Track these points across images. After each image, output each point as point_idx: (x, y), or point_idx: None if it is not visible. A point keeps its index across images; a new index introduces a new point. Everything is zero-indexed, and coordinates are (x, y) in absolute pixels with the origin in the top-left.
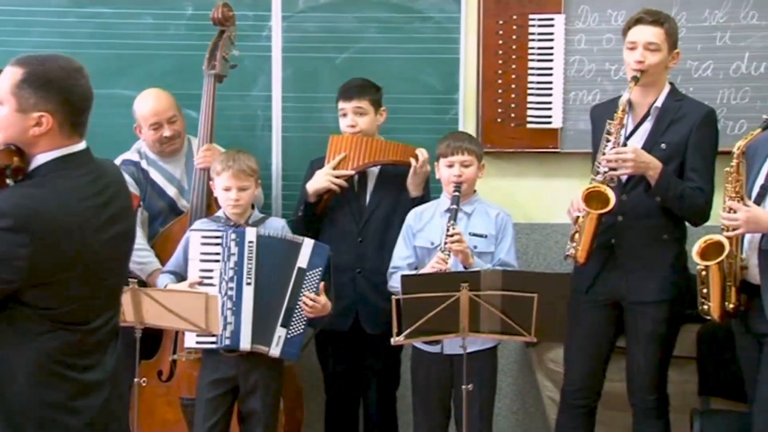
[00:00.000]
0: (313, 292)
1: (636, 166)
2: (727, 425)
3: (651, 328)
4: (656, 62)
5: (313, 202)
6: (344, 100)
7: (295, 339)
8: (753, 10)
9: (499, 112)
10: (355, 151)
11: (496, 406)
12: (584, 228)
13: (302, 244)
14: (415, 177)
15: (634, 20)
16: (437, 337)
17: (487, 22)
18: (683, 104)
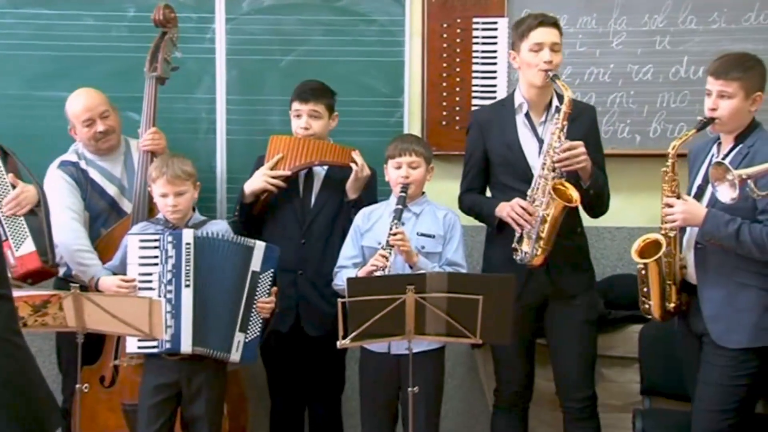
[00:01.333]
0: (265, 293)
1: (587, 160)
2: (669, 424)
3: (583, 317)
4: (559, 62)
5: (250, 202)
6: (300, 102)
7: (253, 342)
8: (691, 14)
9: (444, 115)
10: (292, 152)
11: (443, 407)
12: (549, 225)
13: (254, 247)
14: (356, 181)
15: (536, 23)
16: (383, 340)
17: (431, 25)
18: (574, 105)
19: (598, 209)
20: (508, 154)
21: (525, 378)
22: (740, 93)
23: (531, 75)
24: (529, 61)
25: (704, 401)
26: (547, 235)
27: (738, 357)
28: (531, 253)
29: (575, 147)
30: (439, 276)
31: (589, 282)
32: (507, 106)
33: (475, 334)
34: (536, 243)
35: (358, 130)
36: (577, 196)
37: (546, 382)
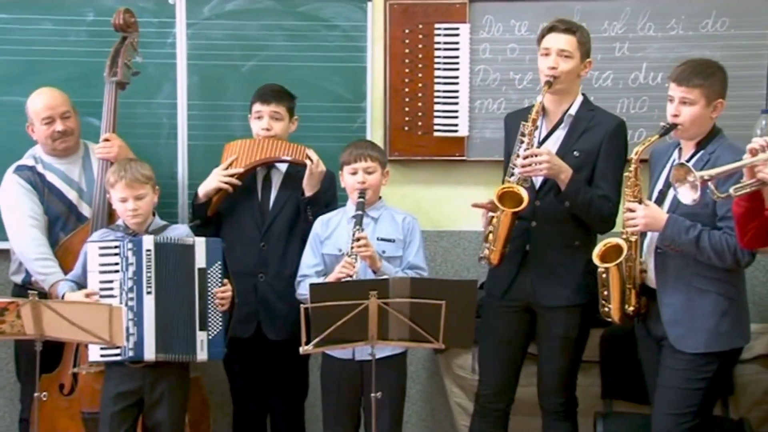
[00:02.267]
0: (218, 286)
1: (550, 168)
2: (629, 427)
3: (563, 333)
4: (568, 69)
5: (202, 203)
6: (262, 103)
7: (218, 338)
8: (650, 21)
9: (406, 121)
10: (245, 152)
11: (405, 412)
12: (498, 228)
13: (194, 244)
14: (311, 177)
15: (547, 28)
16: (346, 345)
17: (393, 31)
18: (596, 114)
19: (589, 222)
20: (515, 159)
21: (505, 382)
22: (702, 100)
23: (542, 80)
24: (540, 66)
25: (663, 404)
26: (497, 236)
27: (696, 361)
28: (486, 252)
29: (537, 154)
30: (401, 281)
31: (572, 297)
32: (528, 110)
33: (438, 339)
34: (488, 243)
35: (320, 135)
36: (526, 200)
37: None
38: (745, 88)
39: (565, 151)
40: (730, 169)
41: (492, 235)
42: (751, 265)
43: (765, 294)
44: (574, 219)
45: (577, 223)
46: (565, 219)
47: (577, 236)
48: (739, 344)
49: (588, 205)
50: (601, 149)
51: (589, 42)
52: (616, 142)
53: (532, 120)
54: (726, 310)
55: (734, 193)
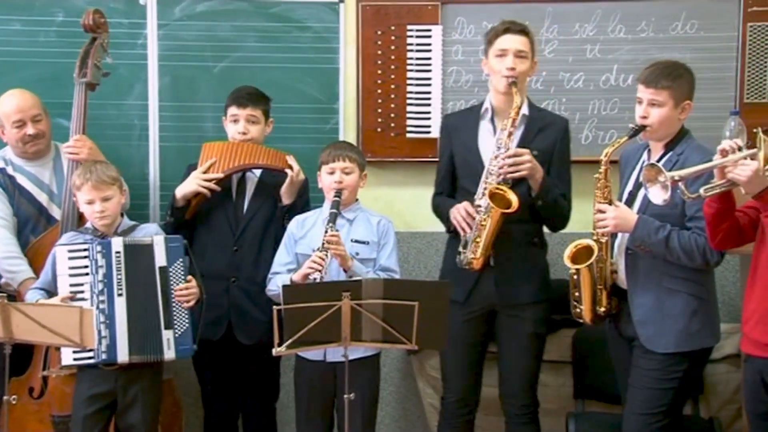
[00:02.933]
0: (181, 283)
1: (531, 168)
2: (601, 427)
3: (531, 330)
4: (525, 69)
5: (181, 206)
6: (238, 107)
7: (185, 335)
8: (620, 24)
9: (379, 122)
10: (225, 156)
11: (379, 413)
12: (487, 230)
13: (153, 243)
14: (291, 185)
15: (501, 30)
16: (318, 347)
17: (365, 33)
18: (545, 114)
19: (552, 222)
20: (468, 158)
21: (471, 386)
22: (670, 101)
23: (496, 81)
24: (494, 68)
25: (634, 404)
26: (485, 240)
27: (666, 361)
28: (468, 257)
29: (520, 154)
30: (374, 282)
31: (539, 294)
32: (474, 111)
33: (411, 340)
34: (474, 247)
35: (293, 136)
36: (516, 202)
37: (485, 387)
38: (714, 89)
39: (524, 149)
40: (701, 169)
41: (479, 239)
42: (720, 265)
43: (734, 294)
44: (533, 218)
45: (535, 222)
46: (526, 218)
47: (536, 234)
48: (710, 344)
49: (555, 203)
50: (556, 148)
51: (535, 43)
52: (566, 141)
53: (511, 120)
54: (696, 310)
55: (704, 194)
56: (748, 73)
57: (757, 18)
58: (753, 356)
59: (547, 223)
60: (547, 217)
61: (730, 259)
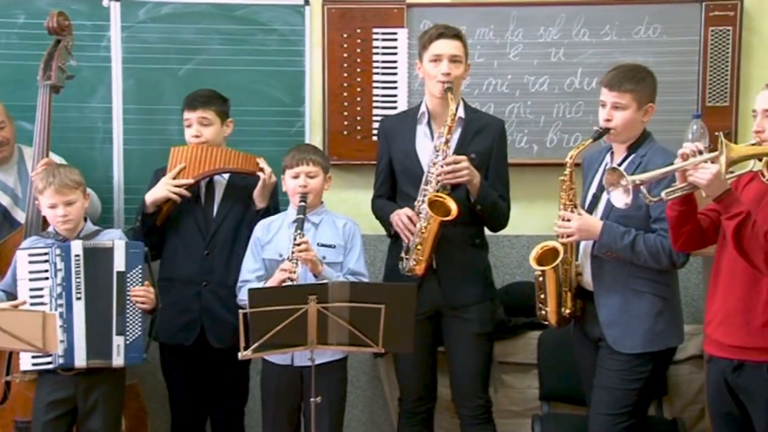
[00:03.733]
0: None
1: (468, 175)
2: (567, 428)
3: (478, 330)
4: (459, 74)
5: (152, 212)
6: (189, 110)
7: (136, 342)
8: (584, 27)
9: (345, 125)
10: (194, 161)
11: (346, 417)
12: (427, 238)
13: (114, 247)
14: (264, 189)
15: (435, 35)
16: (286, 350)
17: (331, 36)
18: (481, 116)
19: (491, 224)
20: (406, 162)
21: (427, 386)
22: (633, 104)
23: (431, 86)
24: (429, 72)
25: (600, 405)
26: (425, 246)
27: (632, 361)
28: (410, 264)
29: (458, 161)
30: (341, 285)
31: (483, 294)
32: (411, 115)
33: (378, 343)
34: (416, 254)
35: (259, 139)
36: (455, 209)
37: (443, 388)
38: (676, 93)
39: (461, 153)
40: (662, 173)
41: (420, 246)
42: (684, 267)
43: (697, 296)
44: (473, 219)
45: (475, 224)
46: (466, 220)
47: (477, 236)
48: (674, 344)
49: (494, 206)
50: (493, 150)
51: (468, 47)
52: (503, 143)
53: (448, 127)
54: (661, 311)
55: (666, 197)
56: (710, 76)
57: (718, 22)
58: (715, 357)
59: (488, 225)
60: (488, 219)
61: (693, 261)
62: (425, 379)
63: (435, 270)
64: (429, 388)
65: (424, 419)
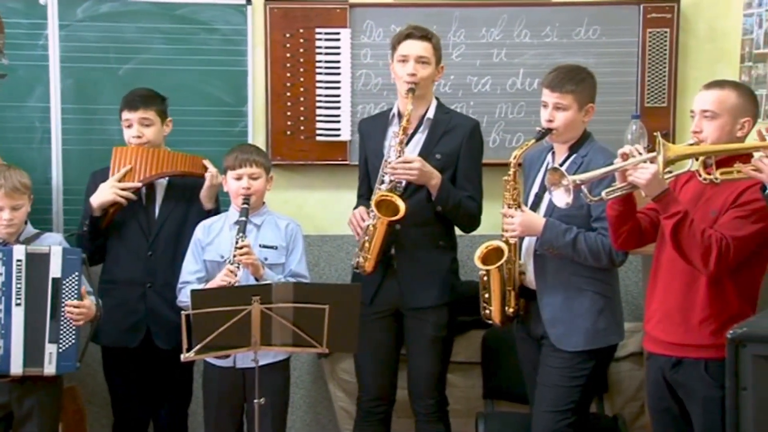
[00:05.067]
0: (74, 298)
1: (422, 174)
2: (510, 426)
3: (433, 333)
4: (426, 75)
5: (98, 216)
6: (129, 110)
7: (69, 351)
8: (525, 29)
9: (288, 125)
10: (141, 163)
11: (289, 418)
12: (374, 236)
13: (50, 253)
14: (211, 189)
15: (404, 35)
16: (229, 352)
17: (274, 35)
18: (452, 117)
19: (459, 224)
20: (375, 162)
21: (385, 385)
22: (574, 105)
23: (399, 86)
24: (397, 73)
25: (543, 402)
26: (373, 244)
27: (575, 359)
28: (360, 261)
29: (409, 161)
30: (284, 286)
31: (441, 297)
32: (384, 116)
33: (322, 344)
34: (365, 251)
35: (201, 139)
36: (403, 209)
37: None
38: (616, 93)
39: (427, 154)
40: (602, 173)
41: (368, 244)
42: (624, 266)
43: (637, 294)
44: (439, 220)
45: (441, 224)
46: (430, 221)
47: (441, 237)
48: (615, 341)
49: (458, 207)
50: (462, 151)
51: (441, 48)
52: (474, 143)
53: (403, 128)
54: (602, 308)
55: (606, 197)
56: (648, 77)
57: (656, 24)
58: (655, 354)
59: (457, 226)
60: (453, 219)
61: (633, 259)
62: (384, 379)
63: (395, 270)
64: (388, 387)
65: (381, 420)
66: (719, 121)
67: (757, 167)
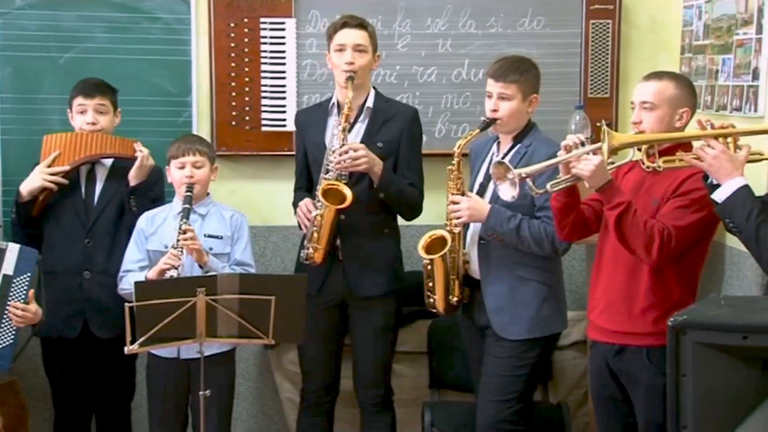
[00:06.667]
0: (21, 299)
1: (367, 163)
2: (456, 415)
3: (380, 323)
4: (364, 63)
5: (27, 201)
6: (85, 97)
7: (5, 350)
8: (471, 19)
9: (233, 115)
10: (69, 147)
11: (235, 410)
12: (322, 226)
13: (6, 249)
14: (140, 169)
15: (339, 24)
16: (173, 344)
17: (218, 25)
18: (392, 105)
19: (401, 212)
20: (316, 154)
21: (329, 376)
22: (518, 95)
23: (337, 76)
24: (335, 62)
25: (488, 391)
26: (321, 234)
27: (519, 347)
28: (309, 252)
29: (355, 149)
30: (230, 277)
31: (387, 286)
32: (323, 106)
33: (268, 335)
34: (314, 242)
35: (145, 129)
36: (350, 197)
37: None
38: (560, 84)
39: (368, 142)
40: (546, 165)
41: (316, 234)
42: (567, 255)
43: (581, 283)
44: (382, 208)
45: (385, 212)
46: (374, 209)
47: (386, 225)
48: (559, 329)
49: (400, 194)
50: (402, 138)
51: (377, 36)
52: (415, 131)
53: (345, 116)
54: (546, 297)
55: (551, 189)
56: (592, 68)
57: (599, 15)
58: (598, 342)
59: (399, 214)
60: (394, 207)
61: (577, 248)
62: (329, 369)
63: (341, 260)
64: (332, 378)
65: (325, 411)
66: (658, 112)
67: (698, 155)
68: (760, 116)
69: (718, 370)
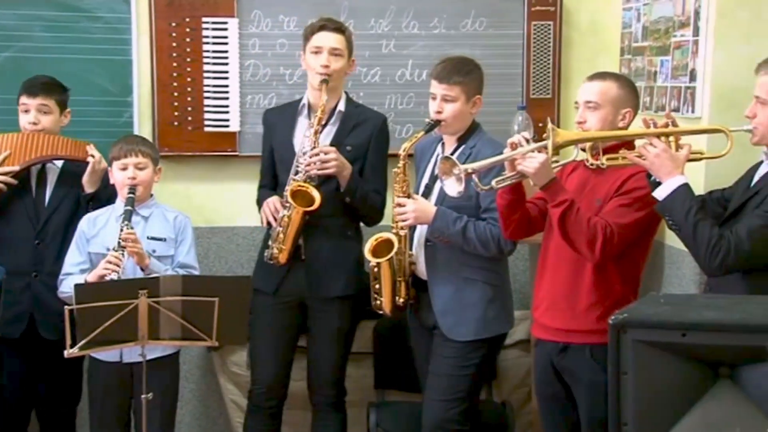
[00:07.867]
0: None
1: (336, 166)
2: (401, 415)
3: (339, 324)
4: (339, 67)
5: None
6: (29, 96)
7: None
8: (414, 20)
9: (175, 116)
10: (20, 148)
11: (179, 412)
12: (289, 227)
13: None
14: (93, 174)
15: (317, 27)
16: (115, 347)
17: (159, 24)
18: (362, 110)
19: (363, 217)
20: (284, 153)
21: (279, 377)
22: (462, 96)
23: (311, 77)
24: (310, 64)
25: (434, 391)
26: (288, 235)
27: (465, 348)
28: (273, 252)
29: (326, 152)
30: (172, 279)
31: (348, 288)
32: (293, 106)
33: (212, 337)
34: (279, 242)
35: (86, 130)
36: (318, 200)
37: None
38: (503, 85)
39: (338, 145)
40: (493, 161)
41: (282, 235)
42: (512, 255)
43: (525, 282)
44: (346, 211)
45: (348, 215)
46: (337, 212)
47: (348, 228)
48: (505, 329)
49: (365, 199)
50: (371, 144)
51: (353, 41)
52: (383, 137)
53: (318, 119)
54: (492, 298)
55: (496, 186)
56: (534, 69)
57: (540, 17)
58: (542, 340)
59: (361, 218)
60: (359, 211)
61: (520, 248)
62: (279, 370)
63: (303, 260)
64: (281, 379)
65: (271, 413)
66: (602, 111)
67: (640, 153)
68: (697, 117)
69: (658, 368)
